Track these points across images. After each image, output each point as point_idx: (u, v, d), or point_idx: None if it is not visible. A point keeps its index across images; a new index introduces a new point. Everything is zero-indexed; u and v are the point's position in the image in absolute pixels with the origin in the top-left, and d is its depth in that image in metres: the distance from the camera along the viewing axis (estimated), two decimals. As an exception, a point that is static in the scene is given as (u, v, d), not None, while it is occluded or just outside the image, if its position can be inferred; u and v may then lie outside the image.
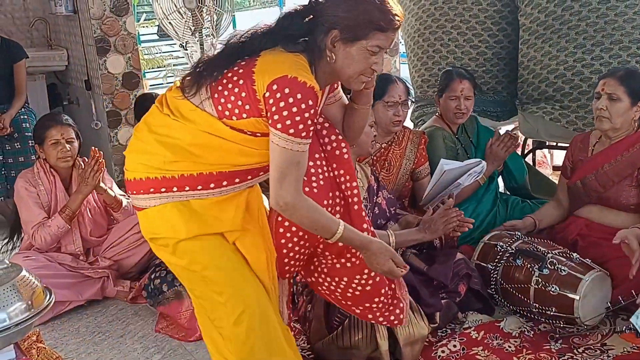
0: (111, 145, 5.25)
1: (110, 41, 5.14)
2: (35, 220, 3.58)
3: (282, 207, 2.10)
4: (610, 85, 3.12)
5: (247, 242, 2.29)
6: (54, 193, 3.66)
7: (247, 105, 2.06)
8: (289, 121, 2.00)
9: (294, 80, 1.99)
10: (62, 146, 3.61)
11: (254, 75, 2.04)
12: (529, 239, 3.18)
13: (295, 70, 2.01)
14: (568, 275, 2.87)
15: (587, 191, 3.27)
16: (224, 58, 2.12)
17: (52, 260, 3.54)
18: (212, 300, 2.23)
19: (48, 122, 3.68)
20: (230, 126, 2.09)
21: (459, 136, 3.78)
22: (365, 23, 2.04)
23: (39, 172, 3.67)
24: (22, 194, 3.62)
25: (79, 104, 5.92)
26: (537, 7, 3.98)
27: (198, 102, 2.12)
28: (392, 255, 2.30)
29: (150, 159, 2.15)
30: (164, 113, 2.18)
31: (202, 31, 5.64)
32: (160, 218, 2.17)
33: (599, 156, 3.25)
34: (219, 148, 2.11)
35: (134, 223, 3.73)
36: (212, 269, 2.20)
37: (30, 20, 6.24)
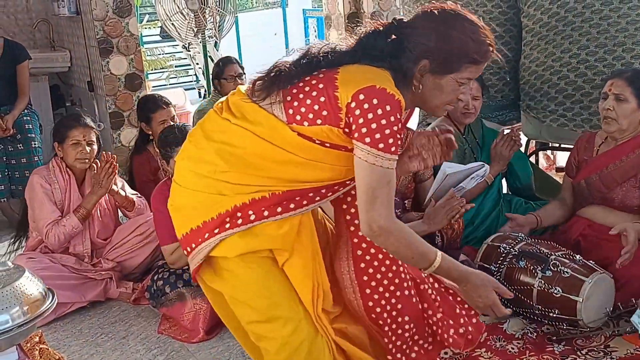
0: (114, 147, 5.25)
1: (112, 42, 5.15)
2: (49, 218, 3.58)
3: (376, 232, 1.92)
4: (617, 86, 3.11)
5: (296, 265, 2.09)
6: (68, 192, 3.66)
7: (324, 111, 1.92)
8: (378, 134, 1.85)
9: (383, 91, 1.86)
10: (83, 147, 3.62)
11: (336, 82, 1.92)
12: (532, 240, 3.17)
13: (383, 82, 1.89)
14: (571, 277, 2.86)
15: (591, 191, 3.27)
16: (302, 66, 1.99)
17: (56, 261, 3.54)
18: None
19: (71, 122, 3.69)
20: (298, 132, 1.94)
21: (466, 136, 3.79)
22: (459, 56, 1.95)
23: (54, 170, 3.68)
24: (36, 190, 3.62)
25: (81, 105, 5.93)
26: (539, 8, 3.97)
27: (267, 104, 1.99)
28: (495, 286, 2.10)
29: (203, 168, 2.02)
30: (222, 117, 2.05)
31: (204, 32, 5.66)
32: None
33: (604, 157, 3.24)
34: (279, 160, 1.97)
35: (137, 225, 3.74)
36: (258, 299, 2.06)
37: (33, 21, 6.25)
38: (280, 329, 2.07)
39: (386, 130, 1.85)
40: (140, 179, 4.24)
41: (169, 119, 4.15)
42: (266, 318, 2.07)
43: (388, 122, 1.85)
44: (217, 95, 5.09)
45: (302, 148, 1.96)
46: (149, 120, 4.19)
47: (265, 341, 2.11)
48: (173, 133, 3.39)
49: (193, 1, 5.43)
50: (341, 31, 6.65)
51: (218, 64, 5.13)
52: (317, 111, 1.93)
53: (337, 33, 6.75)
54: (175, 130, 3.42)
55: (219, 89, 5.08)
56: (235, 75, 5.00)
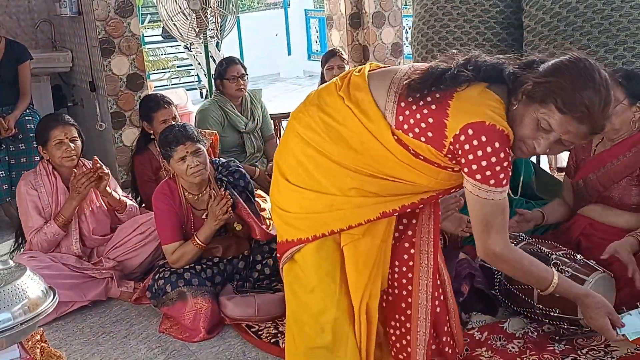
0: (115, 147, 5.27)
1: (114, 42, 5.17)
2: (32, 225, 3.60)
3: (492, 259, 2.03)
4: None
5: (361, 248, 2.12)
6: (55, 195, 3.66)
7: (429, 133, 1.95)
8: (489, 172, 1.89)
9: (492, 128, 1.88)
10: (67, 145, 3.62)
11: (448, 109, 1.93)
12: (533, 240, 3.17)
13: (492, 117, 1.90)
14: (572, 276, 2.84)
15: (589, 190, 3.29)
16: (429, 79, 1.98)
17: (56, 260, 3.55)
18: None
19: (51, 123, 3.69)
20: (398, 138, 1.98)
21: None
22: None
23: (40, 174, 3.68)
24: (22, 198, 3.64)
25: (83, 105, 5.95)
26: (541, 8, 3.97)
27: (382, 101, 2.02)
28: (609, 312, 2.16)
29: (309, 137, 2.06)
30: (339, 94, 2.07)
31: (206, 32, 5.66)
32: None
33: (601, 156, 3.26)
34: (379, 153, 2.01)
35: (138, 224, 3.74)
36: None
37: (35, 21, 6.27)
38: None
39: (497, 167, 1.89)
40: (142, 178, 4.25)
41: (170, 118, 4.16)
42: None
43: (498, 158, 1.88)
44: (218, 95, 5.10)
45: (398, 151, 2.00)
46: (151, 120, 4.20)
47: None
48: (173, 132, 3.39)
49: (195, 1, 5.43)
50: (342, 31, 6.67)
51: (221, 64, 5.14)
52: (423, 129, 1.96)
53: (338, 33, 6.77)
54: (176, 129, 3.41)
55: (221, 89, 5.08)
56: (238, 75, 5.01)
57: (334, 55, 5.30)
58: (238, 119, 5.05)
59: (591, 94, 1.89)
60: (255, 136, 5.20)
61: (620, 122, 3.14)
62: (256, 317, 3.25)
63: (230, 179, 3.58)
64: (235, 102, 5.10)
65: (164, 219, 3.41)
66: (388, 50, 6.68)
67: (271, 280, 3.52)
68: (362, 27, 6.62)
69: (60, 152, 3.61)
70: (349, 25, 6.62)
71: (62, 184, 3.68)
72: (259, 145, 5.24)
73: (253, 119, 5.15)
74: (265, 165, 5.14)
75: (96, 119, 5.43)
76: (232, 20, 5.89)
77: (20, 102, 4.94)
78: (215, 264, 3.48)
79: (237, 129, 5.06)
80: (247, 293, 3.41)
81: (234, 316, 3.27)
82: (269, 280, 3.51)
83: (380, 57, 6.61)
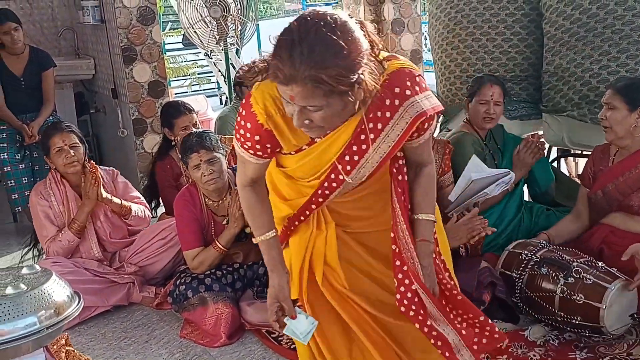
0: (137, 153, 5.31)
1: (136, 50, 5.21)
2: (47, 235, 3.64)
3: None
4: (607, 95, 3.24)
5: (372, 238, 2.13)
6: (66, 203, 3.69)
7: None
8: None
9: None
10: (66, 152, 3.63)
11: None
12: (554, 247, 3.17)
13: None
14: (593, 284, 2.85)
15: (608, 200, 3.28)
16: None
17: (79, 265, 3.59)
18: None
19: (50, 132, 3.72)
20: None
21: (487, 142, 3.78)
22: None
23: (50, 184, 3.72)
24: (34, 209, 3.69)
25: (105, 112, 6.01)
26: (561, 14, 3.96)
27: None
28: (282, 300, 2.03)
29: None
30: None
31: (226, 40, 5.70)
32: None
33: (619, 165, 3.28)
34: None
35: (159, 229, 3.77)
36: None
37: (59, 29, 6.35)
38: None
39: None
40: (163, 184, 4.28)
41: (191, 124, 4.18)
42: None
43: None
44: (238, 102, 5.13)
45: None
46: (172, 126, 4.23)
47: None
48: (189, 140, 3.41)
49: (215, 9, 5.47)
50: (362, 38, 6.67)
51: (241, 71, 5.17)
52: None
53: (358, 40, 6.77)
54: (192, 137, 3.43)
55: (240, 95, 5.12)
56: (258, 82, 5.04)
57: None
58: (258, 126, 5.08)
59: (282, 42, 1.70)
60: (274, 142, 5.23)
61: (623, 130, 3.18)
62: (276, 323, 3.26)
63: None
64: (255, 109, 5.13)
65: (185, 224, 3.43)
66: (408, 57, 6.68)
67: (291, 286, 3.52)
68: (381, 34, 6.63)
69: (62, 159, 3.63)
70: (368, 32, 6.62)
71: (72, 190, 3.71)
72: (278, 151, 5.27)
73: (272, 126, 5.17)
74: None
75: (118, 126, 5.48)
76: (252, 27, 5.92)
77: (43, 109, 5.01)
78: (236, 270, 3.50)
79: (256, 136, 5.09)
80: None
81: (254, 322, 3.29)
82: (289, 286, 3.52)
83: (399, 63, 6.61)
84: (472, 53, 4.43)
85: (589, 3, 3.82)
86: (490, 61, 4.38)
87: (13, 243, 4.80)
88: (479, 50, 4.40)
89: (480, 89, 3.69)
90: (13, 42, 4.88)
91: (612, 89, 3.25)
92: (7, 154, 4.91)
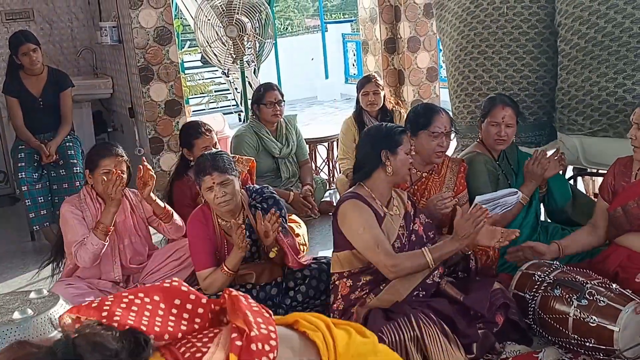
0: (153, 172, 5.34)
1: (153, 70, 5.27)
2: (76, 239, 3.56)
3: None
4: (637, 114, 3.15)
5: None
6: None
7: None
8: None
9: None
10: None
11: None
12: (568, 268, 3.13)
13: None
14: (607, 306, 2.81)
15: (629, 218, 3.20)
16: None
17: (93, 287, 3.59)
18: None
19: (104, 151, 3.65)
20: None
21: (500, 162, 3.76)
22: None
23: (85, 198, 3.67)
24: (66, 217, 3.62)
25: (122, 131, 6.07)
26: (576, 33, 3.94)
27: None
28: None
29: None
30: None
31: (243, 59, 5.74)
32: None
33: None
34: None
35: (173, 250, 3.78)
36: None
37: (78, 49, 6.44)
38: None
39: None
40: (180, 203, 4.28)
41: (211, 145, 4.20)
42: None
43: None
44: (254, 120, 5.16)
45: None
46: (191, 147, 4.24)
47: None
48: (203, 162, 3.41)
49: (231, 29, 5.52)
50: (378, 56, 6.70)
51: (259, 90, 5.21)
52: None
53: (374, 58, 6.80)
54: (206, 159, 3.41)
55: (257, 114, 5.15)
56: (275, 101, 5.07)
57: (369, 82, 5.33)
58: (273, 145, 5.09)
59: None
60: (290, 161, 5.25)
61: None
62: (288, 344, 3.24)
63: (264, 205, 3.59)
64: (270, 128, 5.16)
65: (198, 245, 3.44)
66: (423, 75, 6.68)
67: (303, 307, 3.51)
68: (398, 52, 6.65)
69: (105, 181, 3.55)
70: (385, 50, 6.65)
71: None
72: (293, 170, 5.28)
73: (287, 145, 5.19)
74: (300, 190, 5.17)
75: (135, 144, 5.53)
76: (268, 45, 5.96)
77: (61, 129, 5.07)
78: (248, 290, 3.48)
79: (271, 154, 5.11)
80: (280, 319, 3.40)
81: (267, 343, 3.27)
82: (301, 307, 3.51)
83: (415, 81, 6.62)
84: (484, 71, 4.42)
85: (604, 22, 3.81)
86: (504, 79, 4.37)
87: (30, 262, 4.83)
88: (492, 68, 4.39)
89: (492, 110, 3.68)
90: (32, 62, 4.96)
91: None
92: (24, 173, 4.95)
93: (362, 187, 3.16)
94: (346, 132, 5.37)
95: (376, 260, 3.00)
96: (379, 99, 5.28)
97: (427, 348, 2.76)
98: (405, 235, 3.15)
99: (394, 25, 6.60)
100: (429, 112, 3.54)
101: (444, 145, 3.52)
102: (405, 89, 6.65)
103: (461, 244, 3.00)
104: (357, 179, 3.19)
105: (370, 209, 3.08)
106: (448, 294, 3.12)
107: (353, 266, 3.12)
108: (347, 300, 3.12)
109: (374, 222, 3.05)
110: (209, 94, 10.70)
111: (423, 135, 3.49)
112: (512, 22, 4.29)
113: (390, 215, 3.14)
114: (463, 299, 3.07)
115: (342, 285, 3.14)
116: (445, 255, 3.03)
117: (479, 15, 4.41)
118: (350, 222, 3.06)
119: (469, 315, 3.01)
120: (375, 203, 3.11)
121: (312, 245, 4.55)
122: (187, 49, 10.98)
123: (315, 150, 6.37)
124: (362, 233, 3.02)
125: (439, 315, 2.88)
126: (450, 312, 2.92)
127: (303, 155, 5.36)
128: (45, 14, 6.32)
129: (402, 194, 3.28)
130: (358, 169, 3.21)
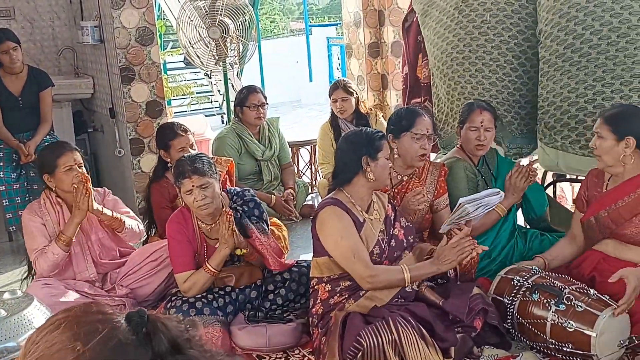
0: (133, 173, 5.31)
1: (134, 70, 5.23)
2: (37, 247, 3.56)
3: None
4: (597, 124, 3.24)
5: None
6: (61, 224, 3.63)
7: None
8: None
9: None
10: (76, 171, 3.59)
11: None
12: (546, 273, 3.15)
13: None
14: (585, 311, 2.83)
15: (601, 227, 3.24)
16: None
17: (70, 287, 3.56)
18: None
19: (59, 150, 3.64)
20: None
21: (480, 168, 3.78)
22: None
23: (45, 204, 3.65)
24: (26, 224, 3.62)
25: (103, 131, 6.02)
26: (555, 39, 3.96)
27: None
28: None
29: None
30: None
31: (225, 60, 5.71)
32: None
33: (612, 193, 3.23)
34: None
35: (150, 252, 3.75)
36: None
37: (59, 48, 6.38)
38: None
39: None
40: (158, 205, 4.25)
41: (187, 146, 4.17)
42: None
43: None
44: (236, 122, 5.14)
45: None
46: (168, 148, 4.22)
47: None
48: (182, 165, 3.37)
49: (214, 30, 5.49)
50: (361, 60, 6.70)
51: (242, 92, 5.19)
52: None
53: (357, 62, 6.80)
54: (185, 162, 3.37)
55: (240, 116, 5.13)
56: (258, 104, 5.06)
57: (337, 88, 5.33)
58: (255, 147, 5.08)
59: None
60: (272, 164, 5.24)
61: (611, 159, 3.16)
62: (267, 348, 3.24)
63: (245, 208, 3.57)
64: (252, 130, 5.15)
65: (177, 247, 3.41)
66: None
67: (283, 310, 3.51)
68: (381, 57, 6.65)
69: (71, 177, 3.56)
70: (368, 55, 6.65)
71: (69, 212, 3.64)
72: (276, 173, 5.27)
73: (270, 147, 5.18)
74: (282, 193, 5.16)
75: (115, 145, 5.49)
76: (252, 48, 5.94)
77: (40, 128, 5.02)
78: (228, 293, 3.47)
79: (254, 157, 5.10)
80: (259, 323, 3.38)
81: (245, 346, 3.26)
82: (281, 310, 3.50)
83: (398, 86, 6.63)
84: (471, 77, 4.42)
85: (582, 29, 3.82)
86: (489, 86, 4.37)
87: (8, 262, 4.79)
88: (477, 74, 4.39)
89: (470, 115, 3.70)
90: (11, 61, 4.91)
91: (601, 118, 3.24)
92: (2, 173, 4.91)
93: (341, 192, 3.15)
94: (323, 137, 5.38)
95: (352, 269, 3.00)
96: (347, 105, 5.30)
97: (405, 352, 2.76)
98: (385, 240, 3.15)
99: (377, 30, 6.61)
100: (412, 114, 3.56)
101: (427, 148, 3.53)
102: (388, 93, 6.66)
103: (439, 269, 3.02)
104: (337, 185, 3.18)
105: (350, 215, 3.07)
106: (428, 298, 3.13)
107: (332, 272, 3.11)
108: (326, 304, 3.11)
109: (353, 230, 3.04)
110: (190, 96, 10.67)
111: (406, 138, 3.50)
112: (494, 29, 4.30)
113: (370, 220, 3.13)
114: (442, 303, 3.08)
115: (321, 289, 3.14)
116: (423, 277, 3.08)
117: (462, 21, 4.42)
118: (329, 230, 3.05)
119: (448, 320, 3.01)
120: (355, 209, 3.11)
121: (294, 249, 4.54)
122: (169, 50, 10.93)
123: (298, 153, 6.37)
124: (339, 241, 3.01)
125: (417, 319, 2.89)
126: (428, 316, 2.92)
127: (286, 159, 5.36)
128: (26, 12, 6.26)
129: (383, 196, 3.28)
130: (337, 175, 3.20)
